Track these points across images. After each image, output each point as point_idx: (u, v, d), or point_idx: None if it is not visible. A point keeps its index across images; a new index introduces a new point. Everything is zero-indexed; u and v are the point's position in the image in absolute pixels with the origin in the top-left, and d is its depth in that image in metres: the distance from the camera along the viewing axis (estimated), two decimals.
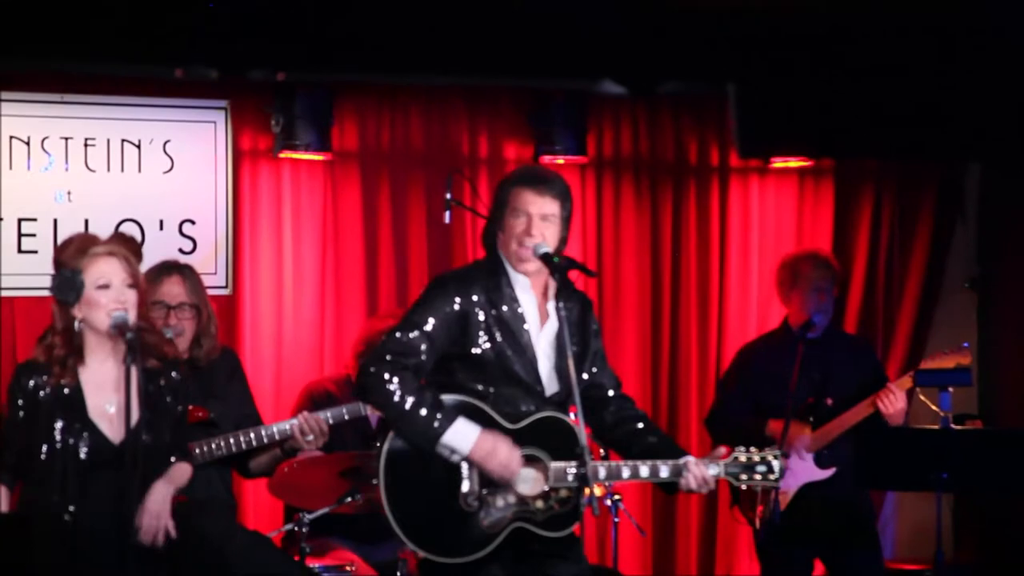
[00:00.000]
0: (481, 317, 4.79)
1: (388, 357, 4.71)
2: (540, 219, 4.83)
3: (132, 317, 4.67)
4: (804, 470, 6.64)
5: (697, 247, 8.23)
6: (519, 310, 4.85)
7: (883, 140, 7.80)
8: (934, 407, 6.38)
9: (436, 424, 4.66)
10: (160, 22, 6.78)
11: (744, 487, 5.03)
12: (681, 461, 4.84)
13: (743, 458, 4.95)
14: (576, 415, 4.70)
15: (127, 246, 4.79)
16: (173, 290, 5.82)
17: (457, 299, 4.79)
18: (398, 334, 4.76)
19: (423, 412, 4.66)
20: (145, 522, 4.68)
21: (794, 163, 8.21)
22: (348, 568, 6.12)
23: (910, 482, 6.33)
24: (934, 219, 8.41)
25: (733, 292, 8.25)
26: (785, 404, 6.45)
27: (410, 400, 4.66)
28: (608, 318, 8.10)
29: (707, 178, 8.26)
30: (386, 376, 4.68)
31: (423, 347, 4.74)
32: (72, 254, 4.71)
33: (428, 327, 4.75)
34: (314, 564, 5.98)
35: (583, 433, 4.68)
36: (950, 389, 6.25)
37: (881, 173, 8.39)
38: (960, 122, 7.68)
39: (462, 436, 4.68)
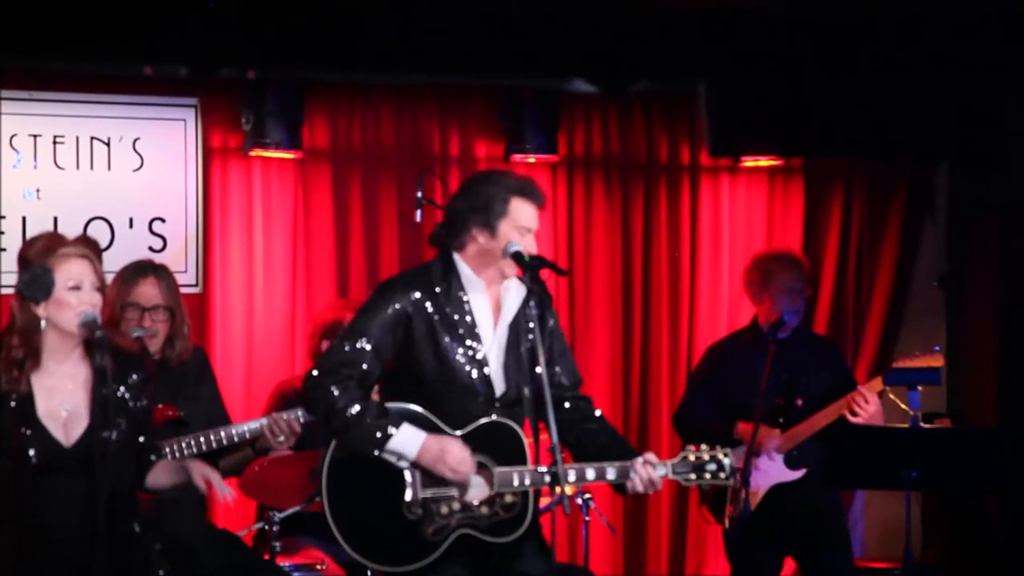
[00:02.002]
0: (424, 320, 4.78)
1: (332, 368, 4.73)
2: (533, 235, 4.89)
3: (93, 312, 4.64)
4: (774, 471, 6.65)
5: (668, 246, 8.24)
6: (470, 311, 4.84)
7: (853, 139, 7.83)
8: (903, 406, 6.41)
9: (381, 432, 4.66)
10: (130, 19, 6.75)
11: (694, 487, 5.03)
12: (628, 463, 4.79)
13: (692, 457, 4.91)
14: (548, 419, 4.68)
15: (94, 249, 4.76)
16: (148, 292, 5.79)
17: (398, 304, 4.77)
18: (342, 344, 4.76)
19: (368, 420, 4.66)
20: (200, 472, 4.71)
21: (764, 162, 8.23)
22: (318, 567, 6.11)
23: (879, 481, 6.34)
24: (903, 217, 8.44)
25: (704, 291, 8.27)
26: (751, 402, 6.46)
27: (354, 409, 4.67)
28: (579, 317, 8.12)
29: (678, 177, 8.27)
30: (329, 387, 4.70)
31: (367, 355, 4.74)
32: (40, 252, 4.65)
33: (370, 334, 4.74)
34: (284, 563, 5.97)
35: (555, 432, 4.66)
36: (919, 388, 6.27)
37: (851, 172, 8.42)
38: (929, 121, 7.72)
39: (408, 442, 4.68)
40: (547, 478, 4.74)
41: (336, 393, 4.68)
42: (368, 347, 4.73)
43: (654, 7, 7.17)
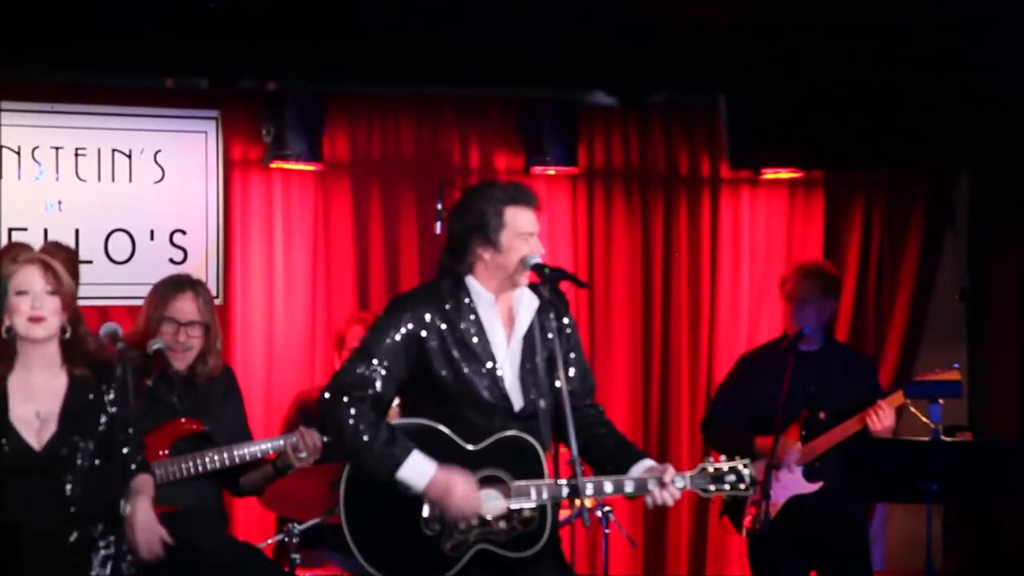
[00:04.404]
0: (436, 338, 4.76)
1: (345, 389, 4.70)
2: (537, 237, 4.86)
3: (56, 322, 4.65)
4: (792, 483, 6.64)
5: (688, 258, 8.23)
6: (483, 327, 4.82)
7: (873, 151, 7.82)
8: (924, 419, 6.39)
9: (391, 460, 4.64)
10: (151, 32, 6.77)
11: (712, 498, 5.01)
12: (646, 478, 4.78)
13: (711, 469, 4.89)
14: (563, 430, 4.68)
15: (58, 255, 4.78)
16: (186, 307, 5.80)
17: (409, 324, 4.75)
18: (354, 366, 4.74)
19: (378, 447, 4.64)
20: (141, 539, 4.65)
21: (784, 174, 8.21)
22: None
23: (900, 494, 6.33)
24: (924, 230, 8.42)
25: (724, 303, 8.26)
26: (775, 413, 6.46)
27: (366, 434, 4.64)
28: (599, 329, 8.11)
29: (698, 189, 8.27)
30: (343, 409, 4.67)
31: (380, 376, 4.71)
32: (5, 263, 4.74)
33: (382, 355, 4.72)
34: (304, 575, 5.97)
35: (575, 445, 4.65)
36: (940, 401, 6.25)
37: (871, 184, 8.40)
38: (949, 133, 7.70)
39: (417, 473, 4.65)
40: (565, 491, 4.70)
41: (350, 415, 4.66)
42: (380, 369, 4.71)
43: (673, 18, 7.17)
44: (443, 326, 4.77)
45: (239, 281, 7.56)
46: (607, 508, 6.74)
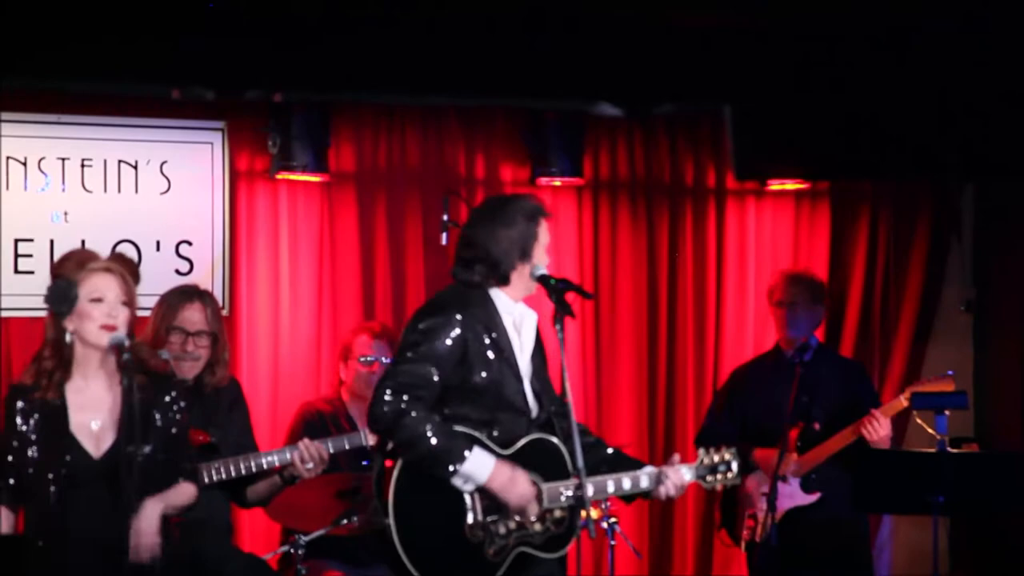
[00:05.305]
0: (479, 344, 4.82)
1: (402, 388, 4.72)
2: None
3: (124, 333, 4.67)
4: (790, 495, 6.64)
5: (693, 269, 8.23)
6: (509, 336, 4.90)
7: (879, 162, 7.81)
8: (930, 430, 6.38)
9: (455, 452, 4.68)
10: (157, 42, 6.78)
11: (710, 488, 5.21)
12: (658, 470, 5.03)
13: (707, 460, 5.17)
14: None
15: (126, 266, 4.83)
16: (194, 316, 5.82)
17: (460, 328, 4.80)
18: (409, 365, 4.76)
19: (440, 442, 4.67)
20: (132, 541, 4.67)
21: (790, 185, 8.21)
22: None
23: (907, 505, 6.33)
24: (930, 241, 8.42)
25: (729, 314, 8.25)
26: (770, 426, 6.47)
27: (428, 430, 4.67)
28: (604, 340, 8.11)
29: (703, 200, 8.26)
30: (403, 408, 4.69)
31: (434, 377, 4.76)
32: (71, 267, 4.75)
33: (437, 356, 4.77)
34: None
35: (580, 455, 4.71)
36: (946, 412, 6.25)
37: (877, 195, 8.40)
38: (955, 143, 7.69)
39: (479, 465, 4.71)
40: (591, 490, 4.86)
41: (409, 414, 4.68)
42: (435, 368, 4.75)
43: (679, 30, 7.18)
44: (483, 332, 4.84)
45: (245, 292, 7.56)
46: (613, 519, 6.74)
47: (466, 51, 7.16)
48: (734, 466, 5.19)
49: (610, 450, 5.13)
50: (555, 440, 4.92)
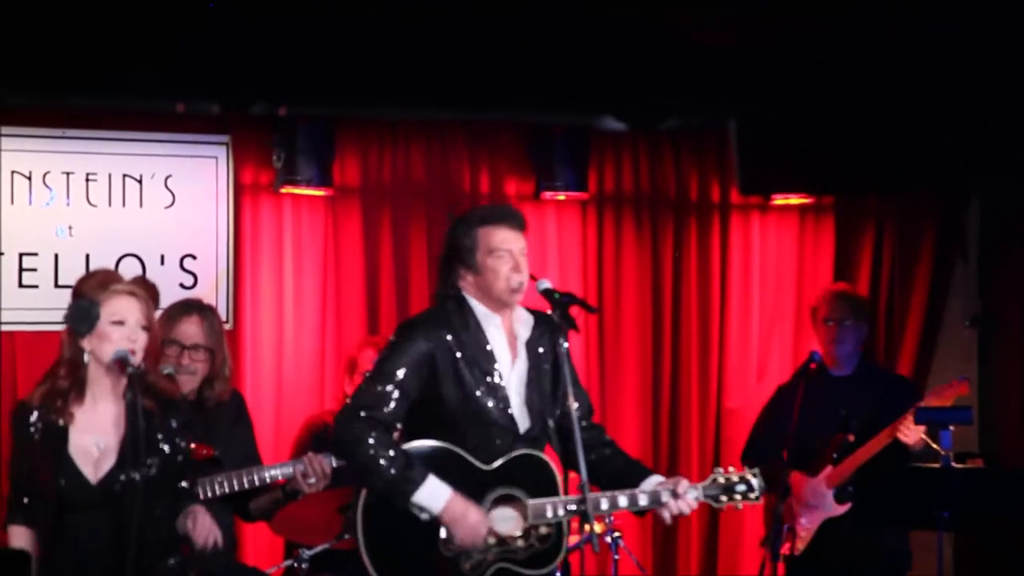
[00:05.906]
0: (449, 359, 4.78)
1: (361, 412, 4.71)
2: (521, 255, 4.86)
3: (138, 358, 4.66)
4: (824, 506, 6.62)
5: (698, 284, 8.23)
6: (489, 349, 4.84)
7: (883, 177, 7.81)
8: (935, 445, 6.36)
9: (408, 483, 4.66)
10: (161, 57, 6.79)
11: (724, 508, 5.05)
12: (658, 490, 4.85)
13: (721, 479, 4.98)
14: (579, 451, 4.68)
15: (148, 291, 4.84)
16: (189, 330, 5.81)
17: (424, 344, 4.77)
18: (370, 386, 4.76)
19: (394, 471, 4.65)
20: (200, 532, 4.70)
21: (795, 200, 8.21)
22: None
23: (911, 521, 6.30)
24: (934, 256, 8.41)
25: (733, 328, 8.25)
26: (810, 440, 6.45)
27: (383, 458, 4.65)
28: (608, 354, 8.11)
29: (708, 214, 8.27)
30: (359, 431, 4.68)
31: (394, 397, 4.73)
32: (93, 287, 4.77)
33: (398, 376, 4.74)
34: None
35: (584, 469, 4.67)
36: (951, 427, 6.22)
37: (881, 210, 8.40)
38: (960, 158, 7.69)
39: (433, 497, 4.68)
40: (580, 507, 4.75)
41: (367, 438, 4.67)
42: (395, 388, 4.73)
43: (684, 44, 7.18)
44: (454, 347, 4.79)
45: (249, 306, 7.57)
46: (616, 534, 6.73)
47: (471, 66, 7.17)
48: (756, 484, 4.99)
49: (620, 462, 5.01)
50: (543, 456, 4.84)
